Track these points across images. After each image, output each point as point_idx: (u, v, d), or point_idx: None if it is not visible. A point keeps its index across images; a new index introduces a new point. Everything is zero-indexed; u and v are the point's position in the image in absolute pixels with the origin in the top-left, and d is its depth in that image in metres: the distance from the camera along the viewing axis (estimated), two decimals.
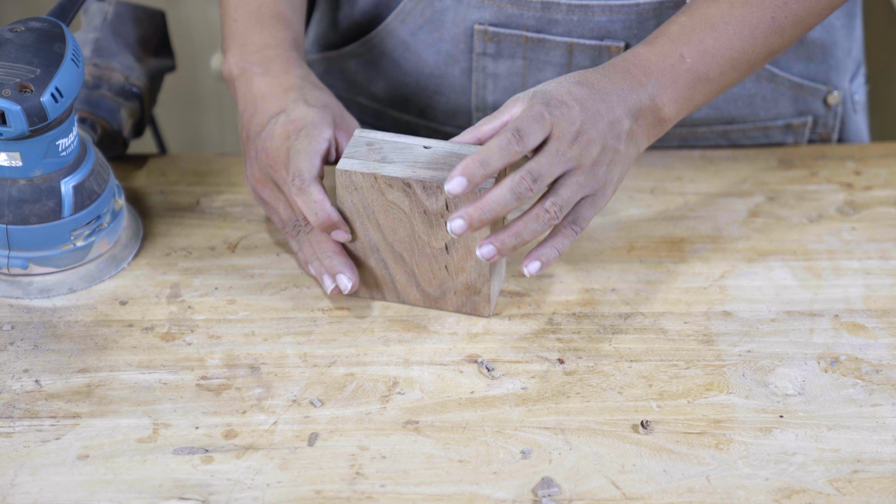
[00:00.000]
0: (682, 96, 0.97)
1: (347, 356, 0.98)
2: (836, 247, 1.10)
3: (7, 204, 0.99)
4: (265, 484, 0.87)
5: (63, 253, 1.02)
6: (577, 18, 1.11)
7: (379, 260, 1.00)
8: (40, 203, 0.99)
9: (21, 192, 0.99)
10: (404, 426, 0.92)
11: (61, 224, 1.00)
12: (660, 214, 1.14)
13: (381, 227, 0.98)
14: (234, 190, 1.17)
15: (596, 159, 0.93)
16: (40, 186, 0.99)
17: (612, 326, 1.01)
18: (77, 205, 1.01)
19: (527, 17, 1.12)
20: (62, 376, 0.96)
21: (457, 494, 0.86)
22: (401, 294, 1.02)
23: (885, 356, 0.98)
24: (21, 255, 1.01)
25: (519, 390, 0.95)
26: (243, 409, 0.93)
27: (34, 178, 0.99)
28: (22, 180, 0.98)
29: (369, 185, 0.95)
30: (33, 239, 1.00)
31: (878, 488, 0.87)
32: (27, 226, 0.99)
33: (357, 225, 0.98)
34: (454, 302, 1.01)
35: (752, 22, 0.98)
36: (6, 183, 0.99)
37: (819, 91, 1.21)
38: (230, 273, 1.06)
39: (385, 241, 0.98)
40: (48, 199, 0.99)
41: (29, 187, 0.99)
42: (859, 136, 1.29)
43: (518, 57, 1.15)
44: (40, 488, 0.86)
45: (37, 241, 1.00)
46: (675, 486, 0.87)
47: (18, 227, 0.99)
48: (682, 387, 0.95)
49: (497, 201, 0.90)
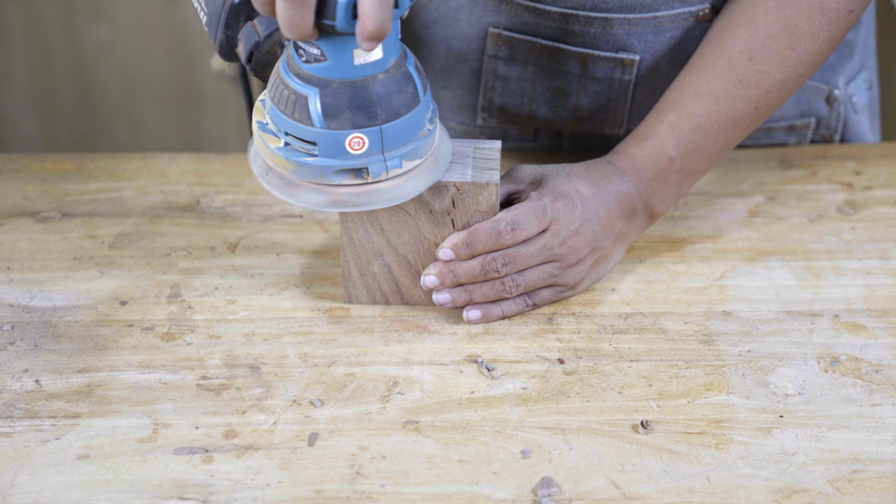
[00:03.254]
0: (671, 193, 1.04)
1: (347, 356, 0.98)
2: (836, 247, 1.10)
3: (377, 103, 0.89)
4: (265, 484, 0.87)
5: (423, 140, 0.93)
6: (595, 31, 1.11)
7: (383, 265, 1.00)
8: (403, 91, 0.90)
9: (385, 86, 0.89)
10: (404, 426, 0.92)
11: (420, 108, 0.91)
12: None
13: (386, 232, 0.98)
14: (234, 190, 1.17)
15: (579, 260, 1.00)
16: (396, 75, 0.90)
17: (612, 326, 1.01)
18: (423, 84, 0.92)
19: (543, 25, 1.12)
20: (62, 376, 0.96)
21: (457, 494, 0.86)
22: (405, 296, 1.02)
23: (885, 356, 0.98)
24: (395, 154, 0.91)
25: (519, 390, 0.95)
26: (243, 409, 0.93)
27: (390, 68, 0.90)
28: (381, 74, 0.89)
29: None
30: (404, 132, 0.91)
31: (878, 488, 0.87)
32: (399, 119, 0.90)
33: (361, 234, 0.99)
34: None
35: (735, 115, 1.02)
36: (368, 82, 0.89)
37: (821, 90, 1.21)
38: (230, 273, 1.07)
39: (389, 245, 0.99)
40: (407, 86, 0.90)
41: (389, 79, 0.89)
42: (861, 137, 1.29)
43: (530, 63, 1.15)
44: (40, 488, 0.86)
45: (406, 134, 0.91)
46: (675, 486, 0.87)
47: (392, 123, 0.90)
48: (682, 387, 0.95)
49: (466, 272, 0.98)
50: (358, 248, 0.99)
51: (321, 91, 0.88)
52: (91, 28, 2.27)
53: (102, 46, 2.29)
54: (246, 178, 1.19)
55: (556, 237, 0.98)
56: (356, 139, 0.89)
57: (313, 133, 0.89)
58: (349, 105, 0.88)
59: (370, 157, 0.90)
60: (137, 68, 2.30)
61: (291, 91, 0.89)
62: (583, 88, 1.15)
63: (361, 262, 1.00)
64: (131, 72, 2.31)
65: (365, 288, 1.01)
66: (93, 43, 2.28)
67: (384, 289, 1.01)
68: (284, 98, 0.90)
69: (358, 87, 0.88)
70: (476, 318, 1.00)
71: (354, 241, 0.99)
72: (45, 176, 1.19)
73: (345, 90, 0.88)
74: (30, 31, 2.26)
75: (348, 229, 0.98)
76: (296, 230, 1.12)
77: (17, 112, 2.36)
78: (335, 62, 0.87)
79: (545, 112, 1.18)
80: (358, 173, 0.91)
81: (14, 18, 2.25)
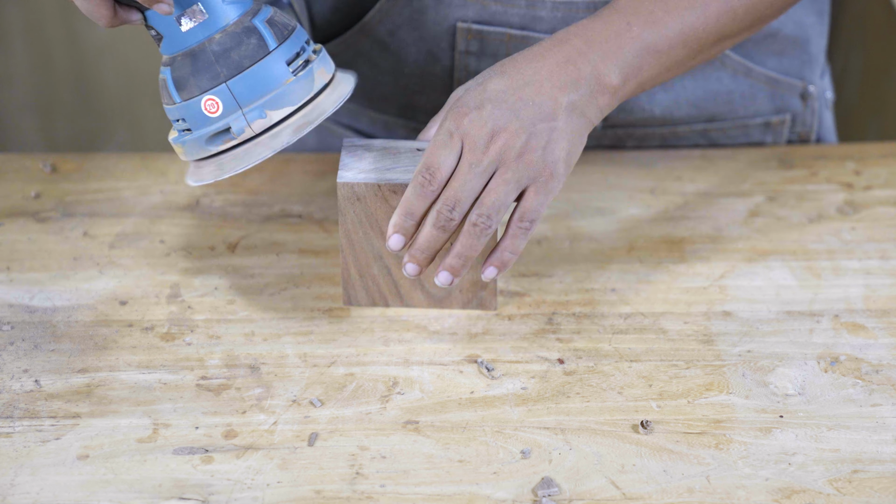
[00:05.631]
0: (629, 63, 0.94)
1: (347, 356, 0.98)
2: (836, 247, 1.10)
3: (216, 62, 0.92)
4: (265, 484, 0.87)
5: (290, 87, 0.93)
6: (562, 15, 1.11)
7: (382, 268, 1.00)
8: (244, 44, 0.92)
9: (221, 44, 0.92)
10: (404, 426, 0.92)
11: (272, 57, 0.93)
12: (660, 214, 1.14)
13: (385, 234, 0.97)
14: (234, 190, 1.17)
15: (522, 148, 0.91)
16: (235, 31, 0.92)
17: (612, 326, 1.01)
18: (277, 36, 0.93)
19: (511, 14, 1.12)
20: (62, 376, 0.96)
21: (457, 494, 0.86)
22: (405, 298, 1.02)
23: (885, 356, 0.98)
24: (254, 106, 0.93)
25: (519, 390, 0.95)
26: (243, 409, 0.93)
27: (227, 27, 0.92)
28: (217, 34, 0.92)
29: (372, 194, 0.96)
30: (256, 83, 0.92)
31: (878, 488, 0.87)
32: (243, 72, 0.92)
33: (360, 236, 0.98)
34: (460, 300, 1.01)
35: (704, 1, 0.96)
36: (205, 46, 0.92)
37: (795, 86, 1.22)
38: (230, 273, 1.07)
39: None
40: (249, 38, 0.92)
41: (226, 37, 0.92)
42: (830, 135, 1.29)
43: (501, 55, 1.14)
44: (40, 488, 0.86)
45: (260, 84, 0.93)
46: (675, 486, 0.87)
47: (237, 77, 0.92)
48: (682, 387, 0.95)
49: (428, 240, 0.93)
50: (357, 251, 0.99)
51: (171, 68, 0.94)
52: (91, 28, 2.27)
53: (103, 46, 2.28)
54: (246, 177, 1.19)
55: (475, 150, 0.91)
56: (209, 101, 0.93)
57: (177, 110, 0.95)
58: (192, 72, 0.93)
59: (230, 117, 0.93)
60: (138, 68, 2.30)
61: (160, 78, 0.95)
62: None
63: (361, 264, 1.00)
64: (132, 71, 2.31)
65: (364, 290, 1.01)
66: (93, 43, 2.28)
67: (383, 291, 1.01)
68: (160, 87, 0.95)
69: (196, 52, 0.93)
70: (493, 275, 0.95)
71: (354, 244, 0.99)
72: (45, 176, 1.19)
73: (186, 60, 0.93)
74: (30, 31, 2.26)
75: (347, 231, 0.98)
76: (296, 230, 1.12)
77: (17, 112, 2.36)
78: (168, 37, 0.93)
79: None
80: (227, 135, 0.94)
81: (14, 18, 2.25)
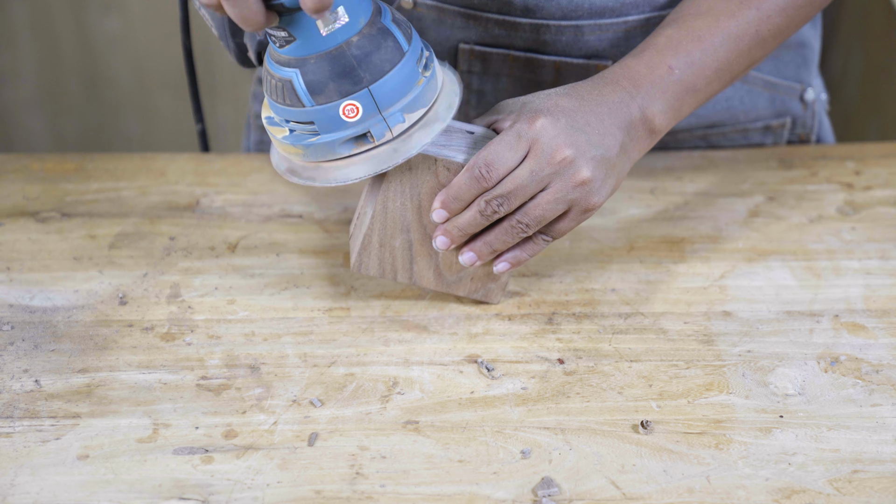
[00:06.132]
0: (671, 107, 0.98)
1: (347, 356, 0.98)
2: (836, 247, 1.10)
3: (358, 66, 0.89)
4: (265, 484, 0.87)
5: (422, 88, 0.92)
6: (567, 39, 1.11)
7: (405, 240, 0.99)
8: (383, 48, 0.90)
9: (361, 47, 0.89)
10: (404, 426, 0.92)
11: (407, 59, 0.91)
12: (660, 214, 1.14)
13: (422, 209, 0.97)
14: (234, 190, 1.17)
15: (583, 174, 0.93)
16: (372, 34, 0.90)
17: (612, 326, 1.01)
18: (405, 35, 0.92)
19: (515, 37, 1.12)
20: (62, 376, 0.96)
21: (457, 494, 0.86)
22: (414, 275, 1.01)
23: (885, 356, 0.98)
24: (393, 110, 0.91)
25: (519, 390, 0.95)
26: (243, 409, 0.93)
27: (363, 28, 0.89)
28: (354, 37, 0.89)
29: (426, 167, 0.95)
30: (395, 87, 0.91)
31: (878, 488, 0.87)
32: (385, 76, 0.90)
33: (398, 205, 0.97)
34: (468, 287, 1.02)
35: (737, 34, 0.99)
36: (343, 49, 0.89)
37: (793, 89, 1.22)
38: (230, 273, 1.07)
39: (420, 222, 0.98)
40: (385, 40, 0.90)
41: (364, 39, 0.89)
42: (828, 136, 1.29)
43: (504, 75, 1.14)
44: (40, 488, 0.86)
45: (399, 88, 0.91)
46: (675, 486, 0.87)
47: (378, 82, 0.90)
48: (682, 387, 0.95)
49: (469, 223, 0.95)
50: (388, 219, 0.98)
51: (301, 70, 0.89)
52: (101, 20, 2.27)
53: (113, 39, 2.28)
54: (246, 177, 1.19)
55: (541, 158, 0.92)
56: (349, 107, 0.90)
57: (307, 113, 0.90)
58: (331, 76, 0.89)
59: (369, 121, 0.90)
60: (149, 60, 2.30)
61: (277, 79, 0.90)
62: None
63: (387, 232, 0.99)
64: (143, 63, 2.31)
65: (378, 259, 1.00)
66: (103, 36, 2.28)
67: (397, 263, 1.00)
68: (273, 87, 0.91)
69: (334, 56, 0.89)
70: (505, 269, 0.98)
71: (388, 211, 0.97)
72: (45, 176, 1.19)
73: (323, 63, 0.89)
74: (37, 25, 2.26)
75: (386, 199, 0.97)
76: (296, 230, 1.12)
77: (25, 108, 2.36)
78: (303, 39, 0.88)
79: None
80: (363, 139, 0.92)
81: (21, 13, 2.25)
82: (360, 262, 1.00)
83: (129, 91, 2.34)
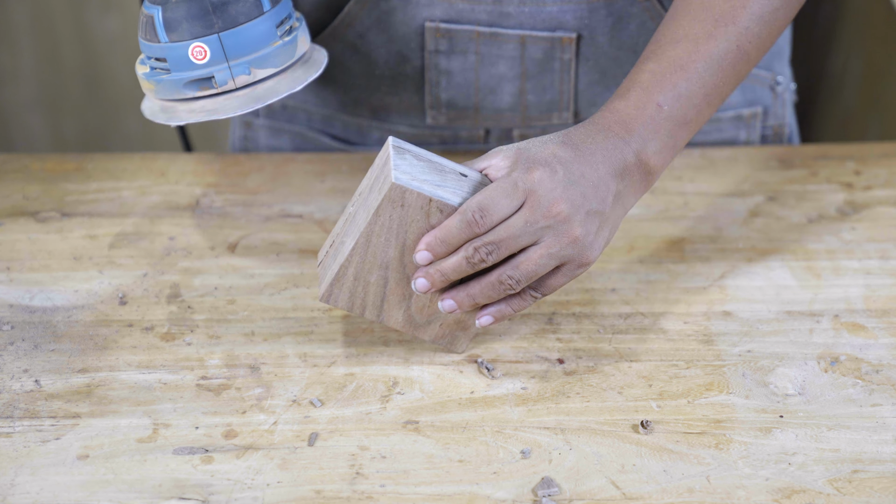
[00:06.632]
0: (666, 145, 0.95)
1: (347, 356, 0.98)
2: (836, 247, 1.10)
3: (213, 12, 0.97)
4: (265, 484, 0.87)
5: (276, 50, 1.00)
6: (529, 10, 1.12)
7: (381, 277, 0.95)
8: (241, 1, 0.98)
9: None
10: (404, 426, 0.92)
11: (265, 18, 0.99)
12: (660, 214, 1.14)
13: (405, 248, 0.93)
14: (234, 190, 1.17)
15: (576, 229, 0.90)
16: None
17: (612, 326, 1.01)
18: None
19: (479, 11, 1.12)
20: (62, 376, 0.96)
21: (457, 494, 0.86)
22: (383, 314, 0.96)
23: (885, 356, 0.98)
24: (241, 62, 0.98)
25: (519, 390, 0.95)
26: (243, 409, 0.93)
27: None
28: None
29: (418, 206, 0.90)
30: (247, 40, 0.98)
31: (878, 488, 0.87)
32: (237, 27, 0.97)
33: (381, 240, 0.92)
34: (436, 333, 0.97)
35: (719, 55, 0.96)
36: None
37: (764, 78, 1.22)
38: (230, 273, 1.07)
39: (401, 261, 0.93)
40: None
41: None
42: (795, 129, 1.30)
43: (471, 52, 1.15)
44: (40, 488, 0.86)
45: (250, 42, 0.98)
46: (675, 486, 0.87)
47: (230, 31, 0.97)
48: (682, 387, 0.95)
49: (454, 269, 0.91)
50: (369, 253, 0.93)
51: (163, 7, 0.97)
52: (101, 20, 2.26)
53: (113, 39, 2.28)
54: (246, 177, 1.19)
55: (537, 209, 0.89)
56: (197, 48, 0.97)
57: (161, 49, 0.98)
58: (186, 16, 0.97)
59: (214, 66, 0.98)
60: None
61: (145, 15, 0.98)
62: (525, 72, 1.16)
63: (364, 267, 0.94)
64: None
65: (350, 292, 0.95)
66: (103, 36, 2.28)
67: (368, 300, 0.96)
68: (142, 23, 0.99)
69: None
70: (488, 323, 0.94)
71: (370, 245, 0.93)
72: (45, 176, 1.19)
73: (183, 3, 0.97)
74: (37, 25, 2.26)
75: (371, 232, 0.92)
76: (296, 230, 1.12)
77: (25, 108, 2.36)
78: None
79: (491, 101, 1.18)
80: (207, 83, 0.98)
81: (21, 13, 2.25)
82: (331, 293, 0.95)
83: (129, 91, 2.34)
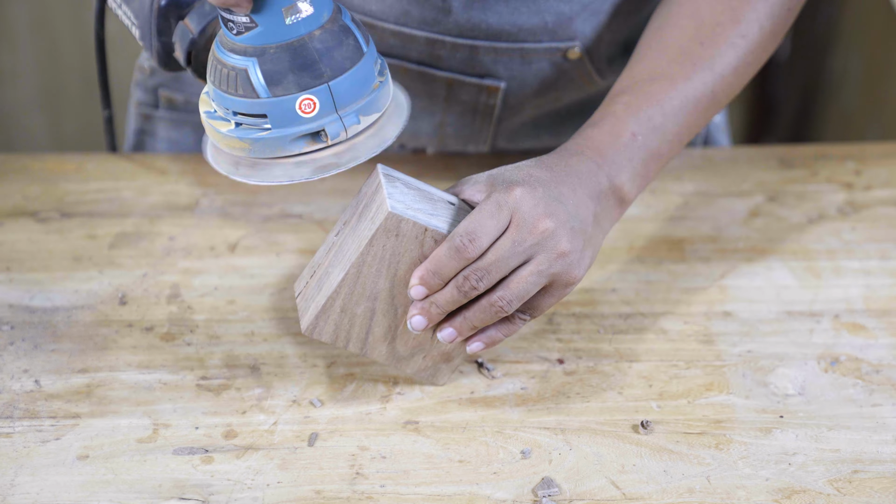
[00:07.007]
0: (638, 174, 0.94)
1: (347, 356, 0.98)
2: (836, 247, 1.10)
3: (320, 60, 0.86)
4: (265, 484, 0.87)
5: (377, 93, 0.89)
6: (462, 56, 1.10)
7: (368, 308, 0.90)
8: (344, 45, 0.87)
9: (323, 41, 0.86)
10: (404, 426, 0.92)
11: (366, 60, 0.88)
12: (660, 214, 1.14)
13: (396, 279, 0.89)
14: (234, 190, 1.17)
15: (564, 245, 0.89)
16: (333, 29, 0.87)
17: (612, 326, 1.01)
18: (364, 36, 0.89)
19: (410, 49, 1.10)
20: (62, 376, 0.96)
21: (457, 494, 0.86)
22: (367, 346, 0.92)
23: (885, 356, 0.98)
24: (350, 110, 0.88)
25: (519, 390, 0.95)
26: (243, 409, 0.93)
27: (325, 23, 0.87)
28: (317, 30, 0.86)
29: (413, 236, 0.87)
30: (353, 86, 0.87)
31: (878, 488, 0.87)
32: (345, 73, 0.87)
33: (373, 271, 0.88)
34: (418, 365, 0.95)
35: (695, 97, 0.96)
36: (306, 41, 0.86)
37: None
38: (230, 273, 1.07)
39: (390, 293, 0.90)
40: (347, 38, 0.87)
41: (327, 34, 0.86)
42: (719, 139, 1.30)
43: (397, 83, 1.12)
44: (40, 488, 0.86)
45: (356, 87, 0.88)
46: (675, 486, 0.87)
47: (339, 79, 0.86)
48: (682, 387, 0.95)
49: (448, 301, 0.88)
50: (359, 284, 0.90)
51: (259, 59, 0.85)
52: None
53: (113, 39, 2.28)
54: None
55: (523, 227, 0.87)
56: (306, 101, 0.86)
57: (261, 105, 0.86)
58: (291, 67, 0.85)
59: (325, 118, 0.87)
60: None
61: (230, 68, 0.86)
62: (448, 109, 1.14)
63: (352, 298, 0.89)
64: None
65: (335, 325, 0.90)
66: None
67: (352, 332, 0.91)
68: (225, 77, 0.87)
69: (296, 47, 0.85)
70: (479, 349, 0.92)
71: (361, 276, 0.89)
72: (45, 176, 1.19)
73: (283, 53, 0.85)
74: (37, 25, 2.26)
75: (363, 262, 0.88)
76: (296, 230, 1.12)
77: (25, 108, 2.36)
78: (266, 26, 0.85)
79: (410, 127, 1.16)
80: (316, 137, 0.88)
81: (21, 13, 2.25)
82: (315, 325, 0.90)
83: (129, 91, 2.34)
